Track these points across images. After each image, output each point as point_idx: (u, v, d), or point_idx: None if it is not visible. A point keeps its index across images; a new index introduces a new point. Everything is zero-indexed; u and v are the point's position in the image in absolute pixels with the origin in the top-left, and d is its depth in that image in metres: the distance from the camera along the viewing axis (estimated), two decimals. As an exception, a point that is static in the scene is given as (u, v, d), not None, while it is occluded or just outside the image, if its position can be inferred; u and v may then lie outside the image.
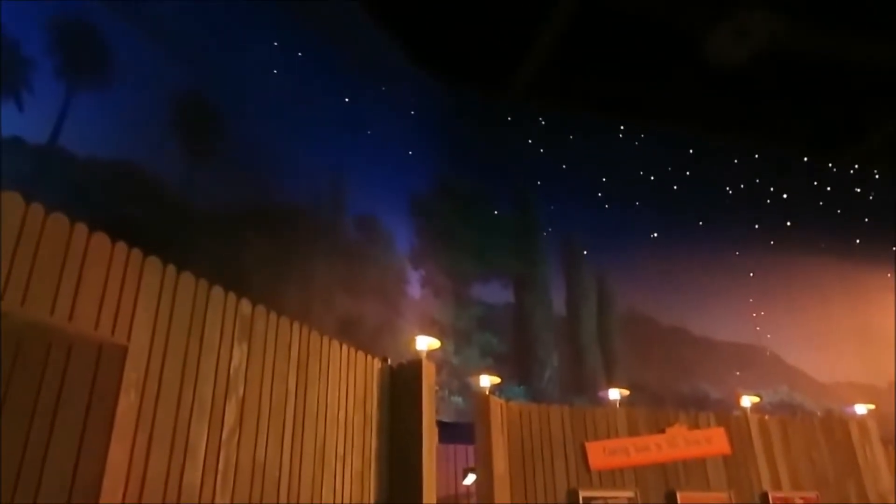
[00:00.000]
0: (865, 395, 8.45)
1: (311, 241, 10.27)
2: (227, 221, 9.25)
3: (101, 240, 3.29)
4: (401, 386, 5.16)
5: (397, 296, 11.14)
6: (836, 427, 7.32)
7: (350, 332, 9.52)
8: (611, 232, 13.73)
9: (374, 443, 4.90)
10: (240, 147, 9.81)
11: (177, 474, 3.38)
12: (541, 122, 14.41)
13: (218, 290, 3.90)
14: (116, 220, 3.72)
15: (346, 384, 4.80)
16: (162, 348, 3.48)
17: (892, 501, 6.96)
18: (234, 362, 3.89)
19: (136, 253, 3.46)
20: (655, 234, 14.07)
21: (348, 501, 4.51)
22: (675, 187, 14.70)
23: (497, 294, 12.40)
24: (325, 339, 4.69)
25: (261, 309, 4.19)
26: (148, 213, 8.08)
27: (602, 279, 13.35)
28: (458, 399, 10.47)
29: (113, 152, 7.91)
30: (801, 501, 6.69)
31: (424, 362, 5.18)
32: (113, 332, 3.25)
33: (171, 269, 3.64)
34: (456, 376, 10.70)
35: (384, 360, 5.26)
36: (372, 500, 4.72)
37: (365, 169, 11.44)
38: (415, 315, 10.98)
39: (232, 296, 3.98)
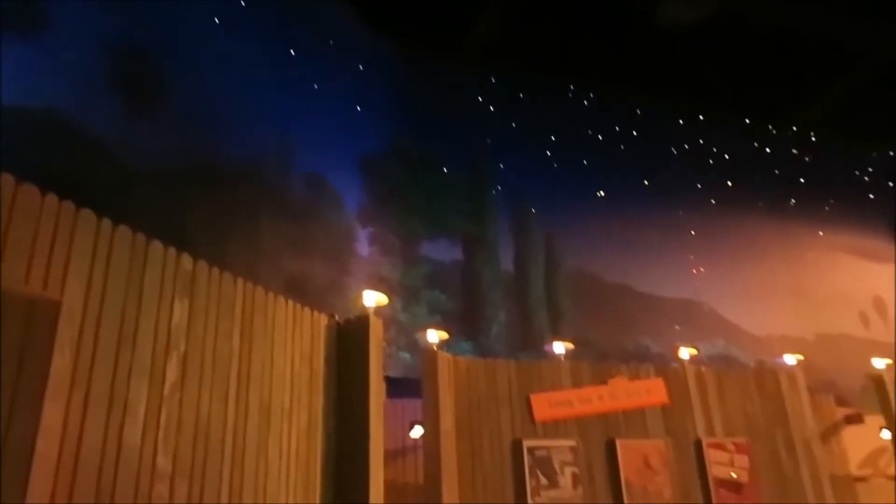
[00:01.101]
0: (796, 347, 8.87)
1: (257, 200, 10.06)
2: (168, 179, 8.97)
3: (29, 191, 3.15)
4: (348, 342, 5.15)
5: (345, 254, 11.07)
6: (768, 378, 7.66)
7: (297, 290, 9.44)
8: (559, 191, 13.89)
9: (321, 398, 4.90)
10: (181, 101, 9.48)
11: (115, 433, 3.31)
12: (491, 81, 14.34)
13: (157, 245, 3.80)
14: (47, 174, 3.56)
15: (293, 340, 4.76)
16: (98, 304, 3.37)
17: (815, 448, 7.38)
18: (175, 319, 3.81)
19: (69, 205, 3.32)
20: (602, 193, 14.30)
21: (295, 457, 4.53)
22: (621, 147, 14.92)
23: (445, 252, 12.45)
24: (271, 296, 4.62)
25: (202, 265, 4.09)
26: (82, 167, 7.76)
27: (550, 237, 13.53)
28: (406, 355, 10.56)
29: (44, 103, 7.54)
30: (733, 447, 7.03)
31: (372, 318, 5.17)
32: (45, 288, 3.13)
33: (107, 222, 3.52)
34: (404, 333, 10.77)
35: (331, 316, 5.23)
36: (319, 456, 4.75)
37: (313, 126, 11.21)
38: (363, 273, 10.95)
39: (172, 251, 3.88)
